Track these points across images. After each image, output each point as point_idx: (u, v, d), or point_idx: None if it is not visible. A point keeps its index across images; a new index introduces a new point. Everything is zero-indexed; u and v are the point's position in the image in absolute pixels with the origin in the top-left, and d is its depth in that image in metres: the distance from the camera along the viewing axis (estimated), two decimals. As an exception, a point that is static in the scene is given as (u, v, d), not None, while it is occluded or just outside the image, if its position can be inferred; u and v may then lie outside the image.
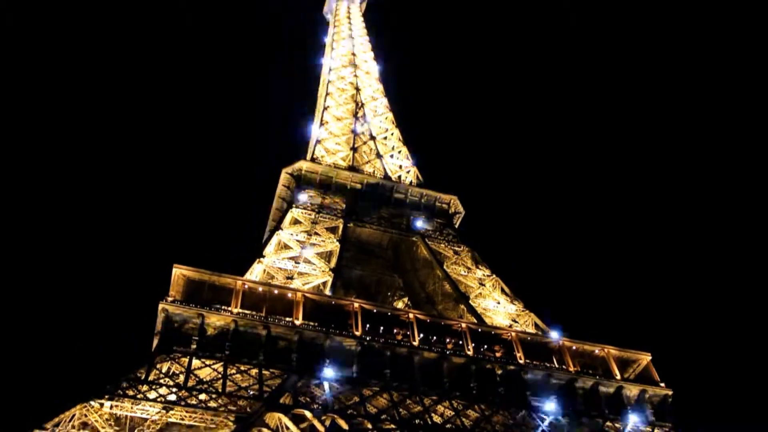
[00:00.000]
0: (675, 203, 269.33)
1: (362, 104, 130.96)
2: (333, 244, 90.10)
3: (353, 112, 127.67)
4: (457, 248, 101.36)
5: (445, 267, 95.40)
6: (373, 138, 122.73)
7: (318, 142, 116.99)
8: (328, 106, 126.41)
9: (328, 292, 79.98)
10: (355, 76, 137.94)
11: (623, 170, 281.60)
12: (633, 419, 73.23)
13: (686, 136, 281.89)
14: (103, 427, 50.17)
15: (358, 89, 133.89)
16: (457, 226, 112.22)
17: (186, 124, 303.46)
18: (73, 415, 51.07)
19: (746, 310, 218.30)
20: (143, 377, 57.01)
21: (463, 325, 77.00)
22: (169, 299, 65.32)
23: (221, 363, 62.02)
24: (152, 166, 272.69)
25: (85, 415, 51.28)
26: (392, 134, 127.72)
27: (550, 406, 70.56)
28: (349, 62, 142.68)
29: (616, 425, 72.07)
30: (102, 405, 52.50)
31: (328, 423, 57.99)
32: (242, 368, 62.58)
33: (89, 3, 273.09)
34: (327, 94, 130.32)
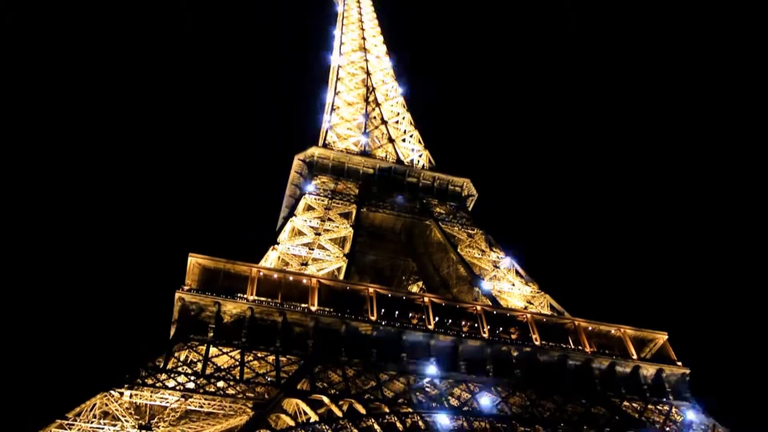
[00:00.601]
0: (690, 181, 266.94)
1: (373, 88, 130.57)
2: (347, 230, 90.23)
3: (364, 97, 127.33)
4: (470, 231, 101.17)
5: (459, 250, 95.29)
6: (384, 122, 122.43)
7: (330, 127, 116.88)
8: (339, 92, 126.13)
9: (342, 277, 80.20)
10: (366, 60, 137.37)
11: (638, 149, 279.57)
12: (651, 398, 73.21)
13: (702, 116, 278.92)
14: (123, 416, 50.71)
15: (368, 73, 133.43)
16: (470, 209, 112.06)
17: (200, 114, 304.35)
18: (94, 405, 51.71)
19: (762, 287, 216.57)
20: (162, 366, 57.53)
21: (478, 307, 77.02)
22: (185, 288, 65.79)
23: (238, 350, 62.45)
24: (167, 156, 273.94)
25: (106, 404, 51.87)
26: (404, 118, 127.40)
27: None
28: (359, 47, 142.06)
29: (634, 405, 71.98)
30: (122, 394, 53.08)
31: (345, 407, 58.32)
32: (259, 355, 63.00)
33: (89, 3, 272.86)
34: (337, 79, 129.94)
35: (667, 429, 68.53)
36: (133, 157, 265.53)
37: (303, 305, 68.70)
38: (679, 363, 77.82)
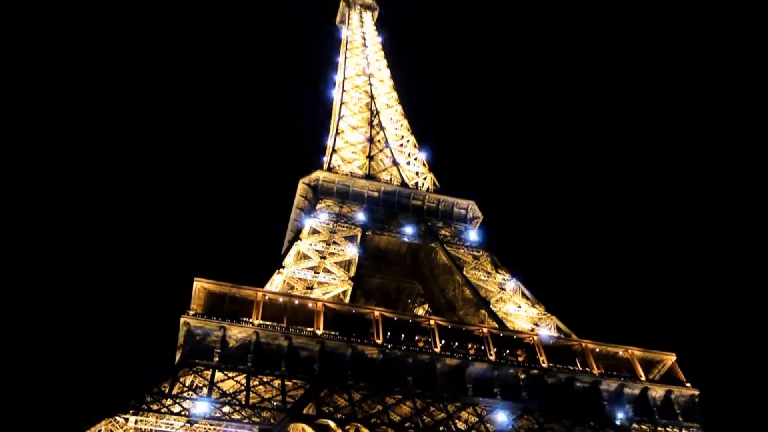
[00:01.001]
0: (696, 202, 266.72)
1: (377, 112, 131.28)
2: (352, 253, 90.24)
3: (368, 121, 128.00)
4: (476, 253, 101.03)
5: (464, 272, 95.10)
6: (388, 145, 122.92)
7: (334, 151, 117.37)
8: (343, 116, 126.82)
9: (348, 301, 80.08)
10: (369, 84, 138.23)
11: (644, 170, 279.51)
12: (660, 420, 72.55)
13: (702, 133, 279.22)
14: (128, 442, 50.61)
15: (372, 97, 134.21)
16: (475, 231, 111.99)
17: (204, 138, 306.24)
18: (99, 431, 51.52)
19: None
20: (167, 391, 57.41)
21: (485, 330, 76.69)
22: (191, 312, 65.78)
23: (244, 375, 62.28)
24: (170, 180, 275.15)
25: (111, 430, 51.70)
26: (408, 141, 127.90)
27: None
28: (362, 71, 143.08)
29: (643, 427, 71.29)
30: (127, 420, 52.95)
31: (352, 432, 58.04)
32: (265, 379, 62.80)
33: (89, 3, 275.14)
34: (342, 103, 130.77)
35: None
36: (133, 178, 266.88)
37: (309, 329, 68.60)
38: (688, 384, 77.13)
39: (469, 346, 74.61)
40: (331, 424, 58.19)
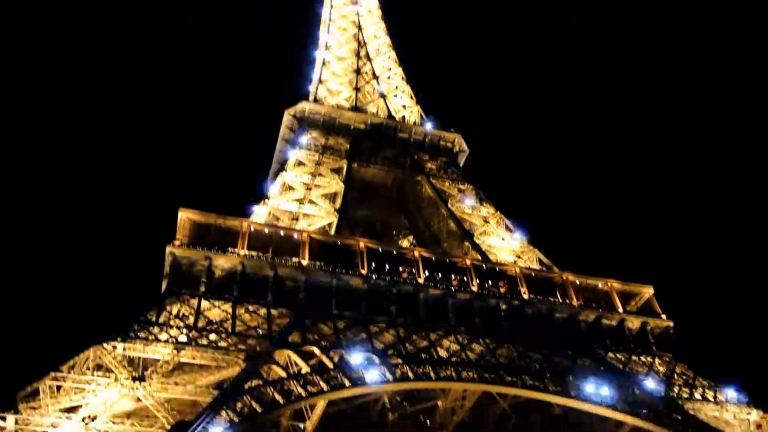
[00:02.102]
0: (675, 132, 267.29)
1: (365, 43, 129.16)
2: (338, 185, 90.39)
3: (355, 52, 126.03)
4: (461, 186, 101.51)
5: (449, 205, 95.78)
6: (376, 78, 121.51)
7: (320, 82, 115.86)
8: (329, 46, 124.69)
9: (333, 232, 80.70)
10: (357, 14, 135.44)
11: (624, 101, 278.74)
12: (635, 349, 74.86)
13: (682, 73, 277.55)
14: (116, 368, 51.40)
15: (360, 28, 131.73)
16: (461, 165, 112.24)
17: (189, 68, 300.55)
18: (87, 357, 52.30)
19: (748, 241, 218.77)
20: (154, 319, 58.19)
21: (468, 262, 77.86)
22: (176, 243, 66.17)
23: (230, 304, 63.13)
24: (155, 111, 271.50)
25: (99, 357, 52.47)
26: (395, 74, 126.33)
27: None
28: (350, 1, 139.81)
29: (619, 356, 73.49)
30: (115, 347, 53.71)
31: (336, 358, 59.35)
32: (251, 308, 63.80)
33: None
34: (329, 33, 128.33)
35: (650, 379, 70.05)
36: (119, 111, 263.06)
37: (294, 259, 69.33)
38: (664, 316, 79.33)
39: (453, 277, 75.83)
40: (316, 350, 59.46)
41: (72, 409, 49.30)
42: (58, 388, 50.04)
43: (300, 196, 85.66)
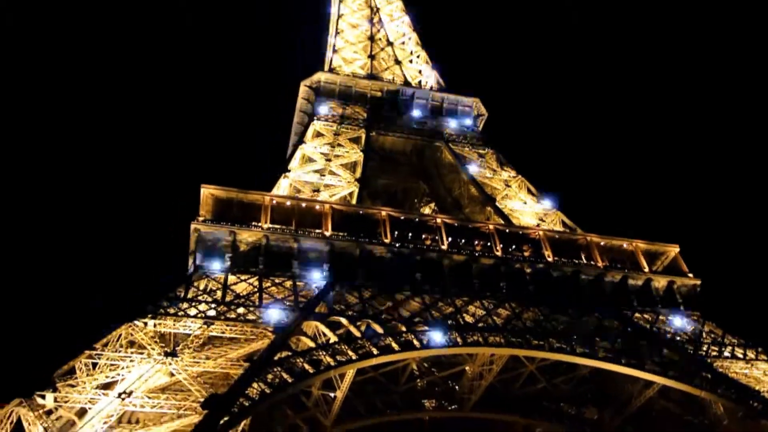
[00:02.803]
0: (702, 93, 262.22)
1: (377, 9, 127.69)
2: (357, 155, 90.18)
3: (369, 18, 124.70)
4: (481, 151, 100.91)
5: (470, 170, 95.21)
6: (390, 44, 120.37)
7: (335, 51, 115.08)
8: (342, 14, 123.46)
9: (354, 202, 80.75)
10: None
11: (648, 59, 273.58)
12: (662, 309, 74.58)
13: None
14: (148, 344, 52.20)
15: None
16: (480, 129, 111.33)
17: (205, 44, 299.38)
18: (120, 335, 53.15)
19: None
20: (182, 295, 58.91)
21: (491, 226, 77.64)
22: (200, 219, 66.60)
23: (256, 277, 63.70)
24: (176, 89, 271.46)
25: (131, 334, 53.30)
26: (410, 38, 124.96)
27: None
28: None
29: (646, 316, 73.29)
30: (146, 324, 54.52)
31: (363, 328, 59.78)
32: (277, 281, 64.29)
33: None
34: (340, 1, 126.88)
35: (678, 338, 69.91)
36: (137, 91, 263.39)
37: (317, 231, 69.57)
38: (690, 274, 78.68)
39: (476, 242, 75.73)
40: (343, 320, 59.95)
41: (108, 386, 50.23)
42: (94, 365, 50.92)
43: (320, 167, 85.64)
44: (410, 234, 74.01)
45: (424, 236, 74.56)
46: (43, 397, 47.03)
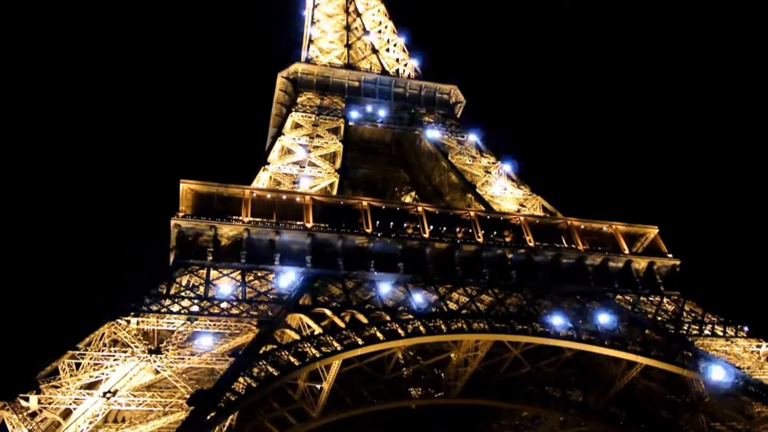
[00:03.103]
0: (679, 73, 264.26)
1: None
2: (336, 145, 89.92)
3: (344, 8, 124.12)
4: (460, 138, 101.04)
5: (449, 158, 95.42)
6: (366, 32, 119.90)
7: (311, 42, 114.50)
8: (318, 3, 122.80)
9: (335, 193, 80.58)
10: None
11: (623, 44, 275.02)
12: (643, 290, 75.43)
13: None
14: (132, 342, 51.82)
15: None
16: (459, 115, 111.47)
17: (181, 37, 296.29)
18: (103, 334, 52.61)
19: (751, 179, 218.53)
20: (165, 292, 58.47)
21: (472, 213, 77.91)
22: (180, 214, 66.11)
23: (238, 271, 63.46)
24: (151, 84, 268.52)
25: (114, 333, 52.81)
26: (386, 27, 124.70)
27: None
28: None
29: (627, 297, 74.06)
30: (129, 322, 54.03)
31: (347, 318, 59.83)
32: (259, 274, 64.08)
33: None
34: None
35: (659, 318, 70.76)
36: (113, 87, 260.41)
37: (298, 223, 69.38)
38: (670, 255, 79.57)
39: (457, 230, 76.02)
40: (327, 312, 59.92)
41: (92, 386, 49.82)
42: (77, 365, 50.41)
43: (300, 159, 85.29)
44: (392, 223, 74.08)
45: (405, 225, 74.68)
46: (27, 399, 46.48)
